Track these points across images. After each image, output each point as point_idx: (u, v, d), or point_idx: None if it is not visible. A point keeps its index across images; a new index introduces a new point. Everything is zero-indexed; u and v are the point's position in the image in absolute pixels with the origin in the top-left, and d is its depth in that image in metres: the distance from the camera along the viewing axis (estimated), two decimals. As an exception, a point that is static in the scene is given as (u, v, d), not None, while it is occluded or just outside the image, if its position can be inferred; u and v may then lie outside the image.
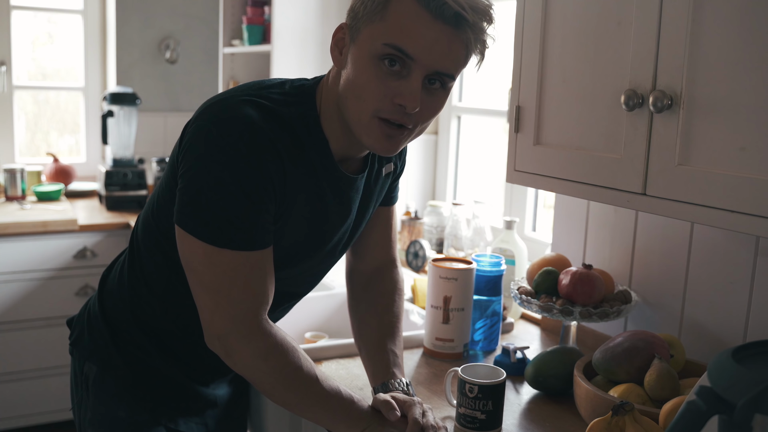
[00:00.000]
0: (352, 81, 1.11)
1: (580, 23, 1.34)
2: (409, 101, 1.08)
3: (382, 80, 1.08)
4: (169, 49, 3.78)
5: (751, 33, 1.07)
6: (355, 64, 1.11)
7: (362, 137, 1.14)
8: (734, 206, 1.09)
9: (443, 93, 1.14)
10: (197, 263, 1.14)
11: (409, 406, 1.23)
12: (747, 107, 1.08)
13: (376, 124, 1.11)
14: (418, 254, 2.42)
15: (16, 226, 2.89)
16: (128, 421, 1.33)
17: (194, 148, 1.12)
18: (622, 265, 1.73)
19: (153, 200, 1.30)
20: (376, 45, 1.07)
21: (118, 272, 1.39)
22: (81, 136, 3.85)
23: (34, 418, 3.03)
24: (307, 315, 2.04)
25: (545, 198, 2.32)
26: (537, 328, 1.94)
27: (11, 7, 3.56)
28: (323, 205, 1.23)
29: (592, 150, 1.33)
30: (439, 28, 1.06)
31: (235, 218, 1.11)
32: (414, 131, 1.15)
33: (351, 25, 1.12)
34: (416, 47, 1.06)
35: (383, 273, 1.49)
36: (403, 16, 1.06)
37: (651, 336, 1.38)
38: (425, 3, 1.05)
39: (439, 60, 1.08)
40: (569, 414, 1.42)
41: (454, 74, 1.12)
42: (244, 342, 1.15)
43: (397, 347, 1.40)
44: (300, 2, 2.89)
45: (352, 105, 1.12)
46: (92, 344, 1.37)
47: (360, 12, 1.10)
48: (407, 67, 1.08)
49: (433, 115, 1.15)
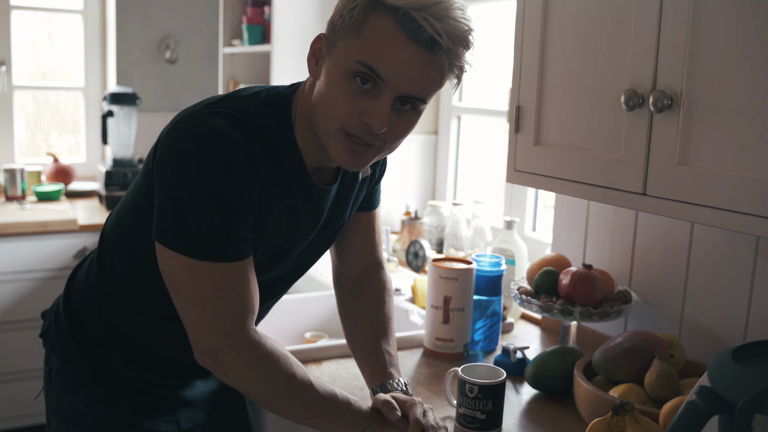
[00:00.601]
0: (323, 93, 1.10)
1: (580, 23, 1.34)
2: (375, 121, 1.07)
3: (353, 97, 1.07)
4: (169, 49, 3.78)
5: (751, 33, 1.07)
6: (328, 76, 1.09)
7: (329, 150, 1.14)
8: (734, 206, 1.09)
9: (414, 115, 1.12)
10: (179, 279, 1.12)
11: (410, 406, 1.22)
12: (747, 107, 1.08)
13: (342, 138, 1.11)
14: (418, 254, 2.42)
15: (16, 226, 2.89)
16: (86, 415, 1.32)
17: (169, 162, 1.11)
18: (622, 265, 1.73)
19: (126, 201, 1.30)
20: (350, 61, 1.06)
21: (86, 270, 1.39)
22: (81, 136, 3.86)
23: (34, 418, 3.01)
24: (307, 315, 2.04)
25: (545, 198, 2.32)
26: (537, 328, 1.94)
27: (11, 7, 3.56)
28: (296, 214, 1.23)
29: (592, 150, 1.33)
30: (414, 50, 1.04)
31: (215, 230, 1.09)
32: (383, 149, 1.14)
33: (329, 37, 1.11)
34: (388, 69, 1.05)
35: (370, 275, 1.48)
36: (379, 34, 1.04)
37: (651, 336, 1.38)
38: (402, 24, 1.03)
39: (411, 83, 1.06)
40: (569, 414, 1.42)
41: (426, 98, 1.10)
42: (234, 354, 1.13)
43: (391, 347, 1.40)
44: (300, 2, 2.89)
45: (321, 117, 1.12)
46: (56, 338, 1.37)
47: (338, 25, 1.08)
48: (378, 86, 1.06)
49: (403, 135, 1.14)
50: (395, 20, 1.03)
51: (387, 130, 1.09)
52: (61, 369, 1.36)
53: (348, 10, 1.06)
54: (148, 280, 1.24)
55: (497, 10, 2.61)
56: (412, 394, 1.32)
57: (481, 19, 2.69)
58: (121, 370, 1.34)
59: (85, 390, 1.33)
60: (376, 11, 1.04)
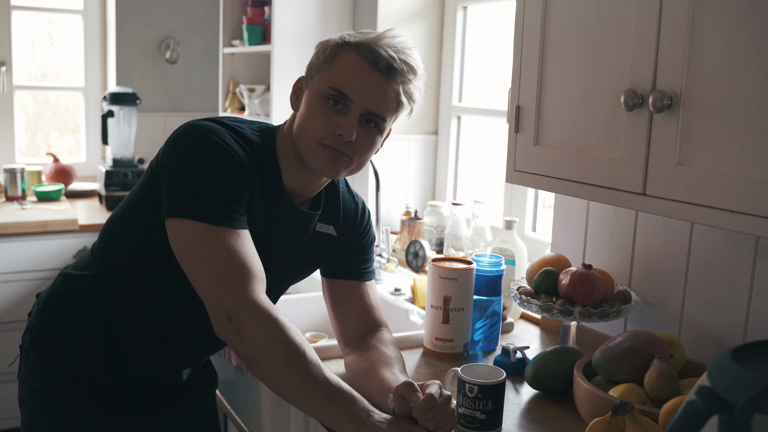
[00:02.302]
0: (303, 117, 1.34)
1: (580, 23, 1.34)
2: (345, 131, 1.30)
3: (327, 115, 1.31)
4: (169, 49, 3.78)
5: (750, 33, 1.07)
6: (307, 103, 1.34)
7: (310, 161, 1.33)
8: (734, 206, 1.09)
9: (378, 132, 1.35)
10: (195, 244, 1.23)
11: (428, 385, 1.24)
12: (747, 107, 1.08)
13: (321, 148, 1.32)
14: (418, 254, 2.42)
15: (16, 226, 2.89)
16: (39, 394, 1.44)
17: (175, 147, 1.29)
18: (622, 265, 1.73)
19: (126, 205, 1.43)
20: (323, 87, 1.31)
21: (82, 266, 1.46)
22: (81, 136, 3.86)
23: (34, 418, 3.02)
24: (307, 315, 2.04)
25: (545, 198, 2.32)
26: (537, 328, 1.94)
27: (11, 7, 3.56)
28: (270, 224, 1.37)
29: (591, 150, 1.33)
30: (375, 76, 1.30)
31: (226, 199, 1.25)
32: (353, 160, 1.34)
33: (307, 76, 1.37)
34: (354, 90, 1.29)
35: (373, 334, 1.51)
36: (346, 65, 1.31)
37: (651, 336, 1.38)
38: (364, 55, 1.29)
39: (372, 102, 1.31)
40: (569, 414, 1.42)
41: (385, 116, 1.33)
42: (250, 312, 1.21)
43: (402, 372, 1.41)
44: (300, 2, 2.89)
45: (302, 135, 1.34)
46: (35, 318, 1.49)
47: (314, 65, 1.35)
48: (347, 106, 1.30)
49: (369, 149, 1.35)
50: (359, 54, 1.30)
51: (355, 142, 1.31)
52: (27, 347, 1.49)
53: (322, 51, 1.34)
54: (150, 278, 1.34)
55: (497, 10, 2.61)
56: None
57: (481, 19, 2.69)
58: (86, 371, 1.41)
59: (41, 370, 1.43)
60: (344, 49, 1.31)
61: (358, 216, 1.55)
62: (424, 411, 1.19)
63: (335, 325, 1.56)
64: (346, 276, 1.55)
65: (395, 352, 1.46)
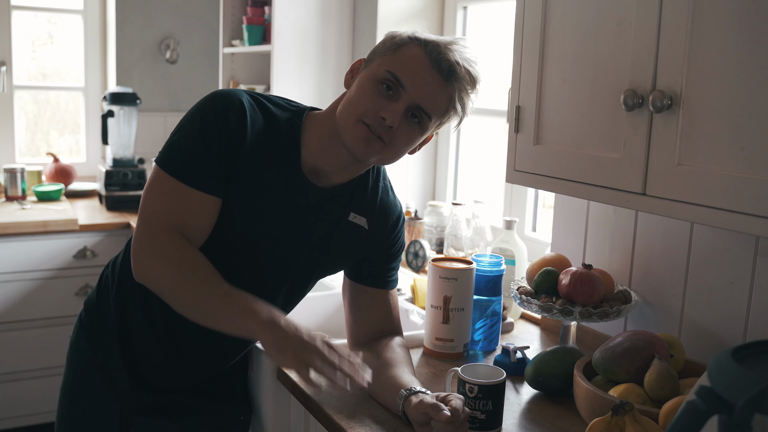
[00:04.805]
0: (352, 96, 1.33)
1: (580, 23, 1.34)
2: (389, 115, 1.28)
3: (376, 97, 1.29)
4: (169, 49, 3.78)
5: (750, 33, 1.07)
6: (360, 83, 1.33)
7: (345, 137, 1.31)
8: (734, 206, 1.09)
9: (419, 130, 1.33)
10: (147, 189, 1.32)
11: (451, 398, 1.25)
12: (747, 107, 1.07)
13: (360, 126, 1.30)
14: (418, 254, 2.42)
15: (16, 226, 2.89)
16: (71, 366, 1.60)
17: None
18: (622, 265, 1.73)
19: None
20: (381, 70, 1.30)
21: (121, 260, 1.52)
22: (81, 136, 3.86)
23: (34, 418, 3.02)
24: (307, 315, 2.04)
25: (545, 198, 2.32)
26: (537, 328, 1.94)
27: (11, 7, 3.56)
28: (269, 192, 1.35)
29: (592, 150, 1.33)
30: (434, 75, 1.29)
31: (185, 152, 1.29)
32: (387, 148, 1.31)
33: (368, 58, 1.36)
34: (409, 80, 1.29)
35: (388, 337, 1.52)
36: (410, 56, 1.30)
37: (651, 336, 1.38)
38: (429, 53, 1.29)
39: (424, 98, 1.30)
40: (569, 414, 1.42)
41: (432, 115, 1.32)
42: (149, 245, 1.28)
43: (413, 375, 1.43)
44: (300, 2, 2.89)
45: (345, 111, 1.32)
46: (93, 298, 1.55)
47: (379, 49, 1.34)
48: (398, 93, 1.29)
49: (406, 143, 1.33)
50: (425, 50, 1.30)
51: (395, 130, 1.30)
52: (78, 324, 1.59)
53: (390, 39, 1.34)
54: None
55: (497, 10, 2.61)
56: None
57: (481, 19, 2.69)
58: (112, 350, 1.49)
59: (78, 347, 1.57)
60: (412, 42, 1.31)
61: (394, 219, 1.51)
62: (447, 423, 1.21)
63: (350, 326, 1.56)
64: (372, 283, 1.52)
65: (406, 355, 1.48)
